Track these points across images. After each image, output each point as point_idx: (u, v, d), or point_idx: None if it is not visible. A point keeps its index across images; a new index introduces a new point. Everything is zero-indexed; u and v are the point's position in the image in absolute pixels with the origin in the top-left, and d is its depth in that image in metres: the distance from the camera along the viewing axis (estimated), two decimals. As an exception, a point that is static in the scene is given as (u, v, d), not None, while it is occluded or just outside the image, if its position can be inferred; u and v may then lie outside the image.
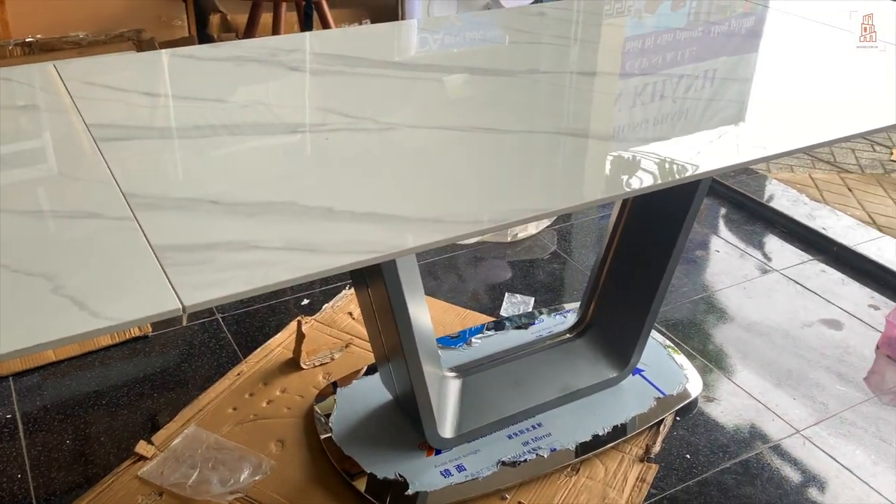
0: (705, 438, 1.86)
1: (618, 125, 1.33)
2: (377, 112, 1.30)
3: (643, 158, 1.20)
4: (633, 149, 1.23)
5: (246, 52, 1.54)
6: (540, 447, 1.78)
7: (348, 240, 0.95)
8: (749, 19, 1.99)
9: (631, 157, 1.20)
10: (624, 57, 1.67)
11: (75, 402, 1.92)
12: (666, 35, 1.85)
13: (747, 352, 2.14)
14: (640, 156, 1.21)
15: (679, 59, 1.68)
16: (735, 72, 1.60)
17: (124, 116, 1.26)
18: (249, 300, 2.30)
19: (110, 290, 0.87)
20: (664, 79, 1.53)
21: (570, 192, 1.10)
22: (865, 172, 3.46)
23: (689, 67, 1.62)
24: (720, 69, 1.62)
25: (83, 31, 2.60)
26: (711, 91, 1.49)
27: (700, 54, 1.73)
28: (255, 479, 1.71)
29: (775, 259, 2.58)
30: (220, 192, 1.05)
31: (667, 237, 1.75)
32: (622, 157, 1.21)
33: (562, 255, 2.58)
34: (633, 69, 1.61)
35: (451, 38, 1.78)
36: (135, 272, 0.89)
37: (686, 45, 1.79)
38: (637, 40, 1.80)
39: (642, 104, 1.41)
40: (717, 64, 1.66)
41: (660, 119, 1.35)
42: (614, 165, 1.21)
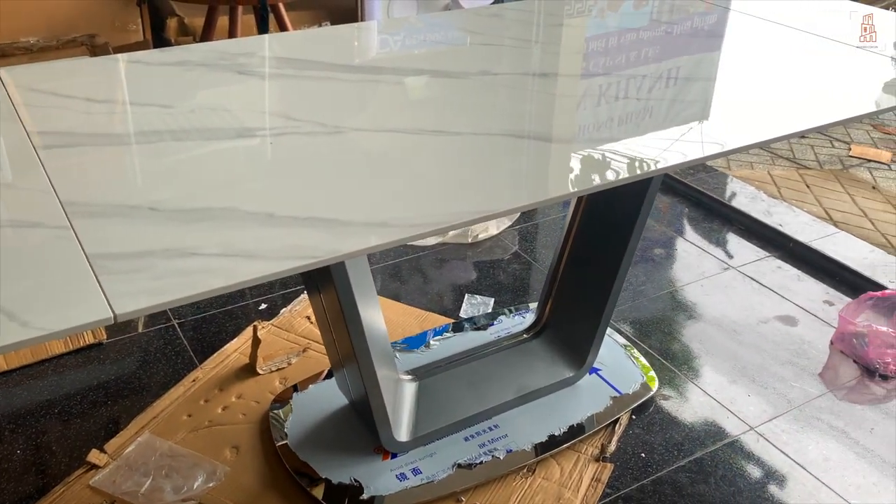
0: (661, 437, 1.87)
1: (569, 126, 1.33)
2: (325, 116, 1.29)
3: (593, 158, 1.20)
4: (584, 149, 1.23)
5: (195, 56, 1.52)
6: (496, 449, 1.78)
7: (287, 245, 0.94)
8: (710, 18, 2.00)
9: (581, 156, 1.21)
10: (584, 57, 1.68)
11: (27, 412, 1.89)
12: (628, 35, 1.86)
13: (704, 349, 2.16)
14: (591, 155, 1.21)
15: (640, 58, 1.69)
16: (696, 71, 1.61)
17: (68, 123, 1.24)
18: (206, 305, 2.28)
19: (42, 300, 0.85)
20: (623, 79, 1.54)
21: (517, 194, 1.10)
22: (824, 168, 3.51)
23: (651, 67, 1.63)
24: (682, 68, 1.63)
25: (35, 36, 2.55)
26: (673, 91, 1.50)
27: (662, 54, 1.74)
28: (209, 486, 1.69)
29: (733, 256, 2.60)
30: (160, 198, 1.03)
31: (620, 237, 1.76)
32: (572, 156, 1.21)
33: (523, 255, 2.59)
34: (594, 69, 1.62)
35: (406, 40, 1.77)
36: (68, 281, 0.88)
37: (647, 44, 1.80)
38: (599, 40, 1.81)
39: (598, 105, 1.41)
40: (679, 62, 1.67)
41: (611, 119, 1.35)
42: (563, 165, 1.21)
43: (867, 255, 2.61)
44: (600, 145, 1.26)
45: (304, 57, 1.54)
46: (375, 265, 2.50)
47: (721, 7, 2.03)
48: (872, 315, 2.19)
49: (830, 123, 1.43)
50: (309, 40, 1.75)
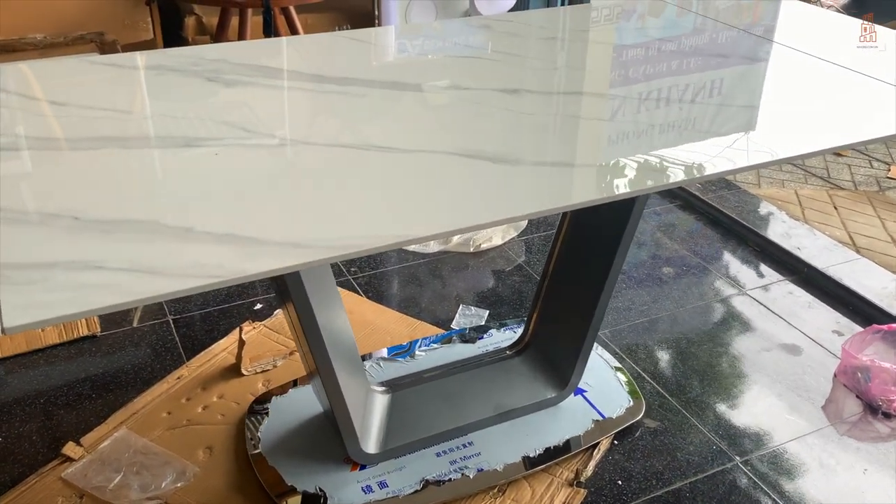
0: (641, 464, 1.82)
1: (515, 142, 1.29)
2: (278, 128, 1.28)
3: (562, 176, 1.17)
4: (539, 167, 1.20)
5: (169, 60, 1.53)
6: (467, 466, 1.75)
7: (195, 262, 0.93)
8: (756, 30, 1.92)
9: (541, 175, 1.17)
10: (612, 67, 1.64)
11: (14, 400, 1.93)
12: (668, 44, 1.80)
13: (700, 375, 2.09)
14: (556, 174, 1.17)
15: (674, 69, 1.64)
16: (735, 87, 1.56)
17: (21, 125, 1.25)
18: (203, 303, 2.30)
19: (-62, 308, 0.86)
20: (658, 90, 1.50)
21: (447, 216, 1.07)
22: (858, 189, 3.38)
23: (686, 78, 1.57)
24: (725, 81, 1.58)
25: (44, 32, 2.61)
26: (681, 107, 1.45)
27: (701, 65, 1.69)
28: (177, 486, 1.70)
29: (743, 279, 2.52)
30: (85, 206, 1.03)
31: (604, 254, 1.71)
32: (527, 177, 1.17)
33: (526, 268, 2.55)
34: (622, 80, 1.57)
35: (390, 49, 1.75)
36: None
37: (686, 55, 1.74)
38: (636, 49, 1.76)
39: (556, 119, 1.37)
40: (721, 75, 1.62)
41: (575, 136, 1.31)
42: (510, 185, 1.18)
43: (887, 285, 2.50)
44: (558, 166, 1.22)
45: (280, 65, 1.53)
46: (373, 271, 2.49)
47: (766, 39, 1.91)
48: (880, 349, 2.10)
49: (865, 141, 1.36)
50: (289, 48, 1.74)
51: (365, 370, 1.85)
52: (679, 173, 1.24)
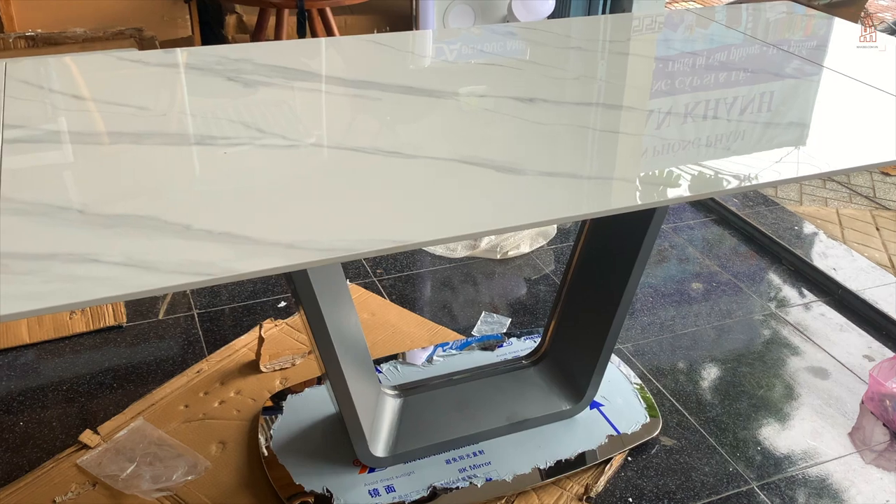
0: (654, 483, 1.79)
1: (523, 152, 1.28)
2: (291, 129, 1.29)
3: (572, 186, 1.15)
4: (543, 177, 1.18)
5: (194, 59, 1.55)
6: (476, 475, 1.74)
7: (187, 260, 0.94)
8: (809, 43, 1.88)
9: (551, 185, 1.16)
10: (653, 78, 1.61)
11: (37, 387, 1.98)
12: (718, 53, 1.77)
13: (721, 394, 2.05)
14: (564, 184, 1.16)
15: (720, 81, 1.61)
16: (789, 99, 1.53)
17: (43, 118, 1.28)
18: (228, 298, 2.33)
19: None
20: (704, 101, 1.47)
21: (447, 221, 1.07)
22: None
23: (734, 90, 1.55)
24: (775, 94, 1.54)
25: (84, 26, 2.67)
26: (710, 123, 1.42)
27: (748, 78, 1.66)
28: (188, 479, 1.72)
29: (775, 298, 2.46)
30: (91, 200, 1.05)
31: (622, 267, 1.69)
32: (533, 185, 1.16)
33: (553, 277, 2.52)
34: (662, 89, 1.55)
35: (414, 55, 1.75)
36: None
37: (734, 66, 1.71)
38: (680, 60, 1.73)
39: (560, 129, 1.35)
40: (772, 87, 1.59)
41: (596, 148, 1.29)
42: (516, 192, 1.16)
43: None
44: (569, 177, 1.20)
45: (302, 67, 1.54)
46: (399, 273, 2.49)
47: (815, 63, 1.85)
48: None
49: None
50: (311, 50, 1.75)
51: (376, 373, 1.85)
52: (697, 186, 1.22)
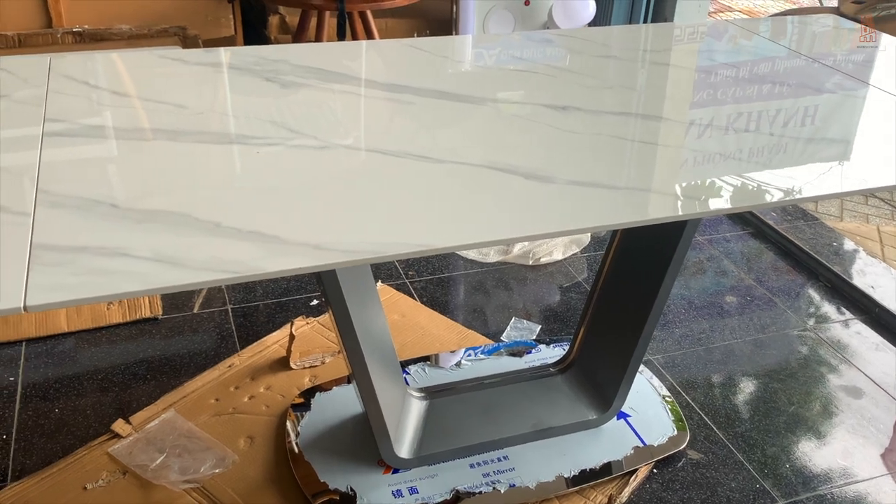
0: (678, 496, 1.77)
1: (541, 163, 1.28)
2: (324, 130, 1.30)
3: (596, 196, 1.15)
4: (573, 187, 1.18)
5: (233, 59, 1.58)
6: (499, 481, 1.74)
7: (215, 257, 0.95)
8: (856, 56, 1.86)
9: (574, 194, 1.16)
10: (694, 89, 1.61)
11: (74, 375, 2.02)
12: (762, 64, 1.75)
13: (752, 409, 2.02)
14: (589, 193, 1.16)
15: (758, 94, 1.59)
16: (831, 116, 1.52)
17: (83, 113, 1.31)
18: (262, 294, 2.36)
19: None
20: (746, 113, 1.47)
21: (474, 227, 1.07)
22: (950, 230, 3.20)
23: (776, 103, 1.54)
24: (820, 108, 1.53)
25: (130, 24, 2.74)
26: (808, 129, 1.41)
27: (790, 91, 1.64)
28: (215, 472, 1.75)
29: (810, 314, 2.42)
30: (125, 196, 1.08)
31: (653, 278, 1.68)
32: (558, 194, 1.16)
33: (585, 285, 2.51)
34: (702, 101, 1.55)
35: (452, 60, 1.76)
36: (2, 267, 0.92)
37: (775, 79, 1.69)
38: (723, 70, 1.72)
39: (588, 137, 1.35)
40: (816, 101, 1.57)
41: (616, 158, 1.29)
42: (544, 201, 1.16)
43: (967, 333, 2.36)
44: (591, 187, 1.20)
45: (337, 69, 1.56)
46: (431, 276, 2.51)
47: (859, 79, 1.83)
48: (950, 400, 1.98)
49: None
50: (351, 52, 1.77)
51: (402, 374, 1.86)
52: (734, 199, 1.21)
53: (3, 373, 2.01)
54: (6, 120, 1.28)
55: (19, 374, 2.01)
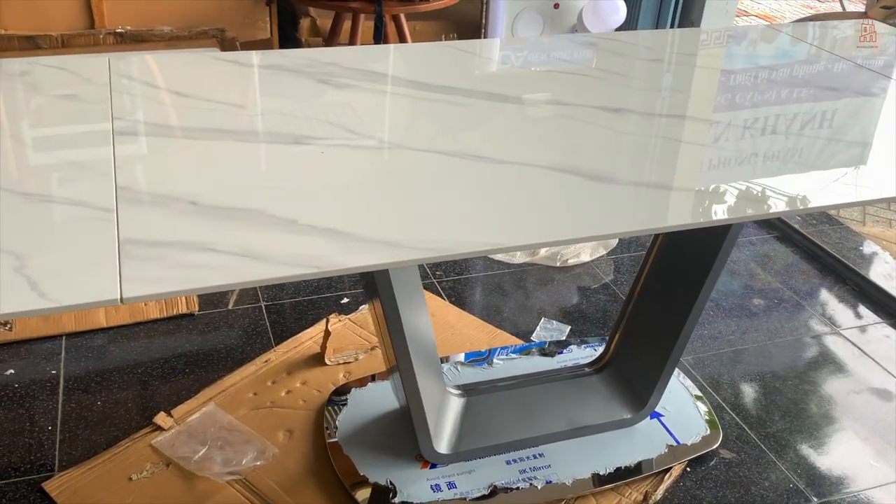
0: (712, 494, 1.79)
1: (613, 161, 1.31)
2: (384, 131, 1.34)
3: (652, 196, 1.18)
4: (636, 188, 1.21)
5: (286, 61, 1.61)
6: (536, 477, 1.77)
7: (297, 253, 0.99)
8: (875, 62, 1.89)
9: (634, 194, 1.19)
10: (718, 91, 1.64)
11: (114, 368, 2.06)
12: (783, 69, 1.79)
13: (782, 411, 2.05)
14: (649, 194, 1.19)
15: (781, 97, 1.62)
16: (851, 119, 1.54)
17: (148, 113, 1.35)
18: (294, 291, 2.39)
19: (66, 275, 0.94)
20: (768, 116, 1.50)
21: (539, 227, 1.10)
22: (972, 236, 3.22)
23: (793, 107, 1.57)
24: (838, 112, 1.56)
25: (171, 25, 2.78)
26: (782, 139, 1.44)
27: (811, 95, 1.67)
28: (257, 465, 1.78)
29: (838, 318, 2.45)
30: (202, 193, 1.11)
31: (693, 281, 1.70)
32: (620, 195, 1.19)
33: (613, 287, 2.54)
34: (726, 104, 1.58)
35: (498, 62, 1.79)
36: (94, 261, 0.96)
37: (797, 83, 1.72)
38: (744, 74, 1.76)
39: (652, 140, 1.38)
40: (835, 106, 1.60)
41: (675, 160, 1.32)
42: (600, 203, 1.20)
43: None
44: (649, 187, 1.23)
45: (386, 71, 1.59)
46: (458, 276, 2.53)
47: (882, 75, 1.86)
48: (980, 404, 2.00)
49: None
50: (399, 55, 1.80)
51: (442, 372, 1.89)
52: (779, 204, 1.23)
53: (46, 366, 2.04)
54: (77, 118, 1.31)
55: (61, 367, 2.05)
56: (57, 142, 1.27)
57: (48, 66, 1.52)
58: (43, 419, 1.88)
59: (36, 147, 1.24)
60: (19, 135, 1.26)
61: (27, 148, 1.23)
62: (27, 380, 2.00)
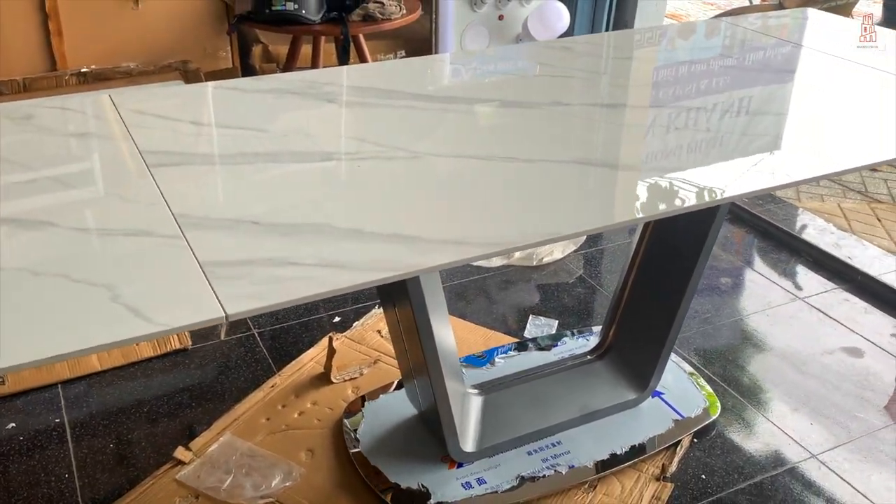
0: (721, 460, 1.90)
1: (636, 154, 1.40)
2: (407, 141, 1.39)
3: (663, 184, 1.28)
4: (653, 176, 1.31)
5: (286, 84, 1.65)
6: (559, 464, 1.84)
7: (374, 258, 1.04)
8: (783, 50, 2.05)
9: (650, 183, 1.28)
10: (653, 87, 1.76)
11: (119, 410, 2.03)
12: (698, 65, 1.92)
13: (768, 377, 2.18)
14: (660, 182, 1.29)
15: (707, 88, 1.75)
16: (767, 104, 1.67)
17: (174, 143, 1.37)
18: (284, 317, 2.41)
19: (162, 299, 0.96)
20: (692, 110, 1.61)
21: (585, 217, 1.18)
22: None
23: (717, 97, 1.69)
24: (753, 99, 1.69)
25: (134, 61, 2.77)
26: (742, 121, 1.56)
27: (732, 85, 1.80)
28: (286, 486, 1.79)
29: (800, 287, 2.62)
30: (260, 213, 1.14)
31: (685, 264, 1.81)
32: (638, 183, 1.29)
33: (587, 279, 2.65)
34: (663, 99, 1.69)
35: (478, 70, 1.88)
36: (183, 284, 0.99)
37: (717, 75, 1.86)
38: (669, 69, 1.88)
39: (669, 132, 1.48)
40: (750, 93, 1.73)
41: (680, 147, 1.42)
42: (630, 192, 1.29)
43: (938, 291, 2.59)
44: (667, 173, 1.33)
45: (386, 86, 1.65)
46: (443, 284, 2.59)
47: (793, 43, 2.07)
48: (941, 350, 2.18)
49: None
50: (389, 71, 1.87)
51: (462, 374, 1.94)
52: (763, 180, 1.35)
53: (48, 416, 2.00)
54: (103, 155, 1.32)
55: (63, 415, 2.01)
56: (91, 178, 1.27)
57: (51, 108, 1.52)
58: (58, 468, 1.85)
59: (72, 185, 1.24)
60: (54, 175, 1.26)
61: (66, 187, 1.23)
62: (31, 431, 1.95)
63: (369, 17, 2.77)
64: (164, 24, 2.86)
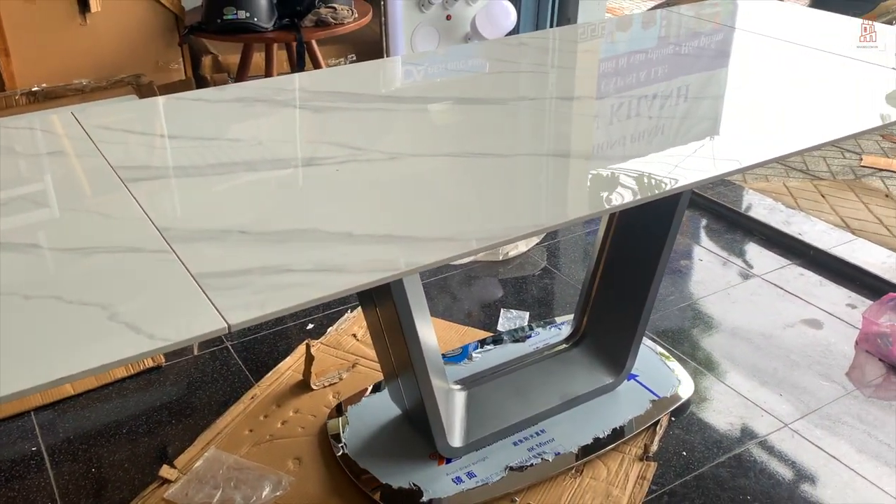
0: (699, 436, 1.96)
1: (598, 145, 1.44)
2: (381, 143, 1.41)
3: (626, 175, 1.32)
4: (617, 166, 1.35)
5: (250, 93, 1.65)
6: (545, 452, 1.87)
7: (370, 260, 1.05)
8: (717, 36, 2.12)
9: (615, 174, 1.32)
10: (600, 79, 1.81)
11: (96, 433, 2.00)
12: (638, 55, 1.98)
13: (734, 354, 2.25)
14: (624, 173, 1.33)
15: (651, 77, 1.81)
16: (706, 89, 1.73)
17: (146, 157, 1.36)
18: (256, 328, 2.39)
19: (160, 314, 0.96)
20: (639, 98, 1.66)
21: (561, 209, 1.22)
22: (837, 179, 3.62)
23: (662, 86, 1.75)
24: (692, 86, 1.75)
25: (85, 78, 2.72)
26: (686, 108, 1.62)
27: (672, 72, 1.86)
28: (277, 495, 1.79)
29: (756, 265, 2.70)
30: (246, 222, 1.15)
31: (652, 249, 1.87)
32: (607, 175, 1.33)
33: (552, 270, 2.70)
34: (609, 90, 1.74)
35: (438, 70, 1.90)
36: (180, 298, 0.98)
37: (657, 63, 1.92)
38: (611, 61, 1.94)
39: (619, 123, 1.53)
40: (689, 80, 1.80)
41: (637, 136, 1.47)
42: (601, 183, 1.33)
43: (885, 260, 2.70)
44: (635, 162, 1.37)
45: (352, 90, 1.66)
46: (414, 285, 2.61)
47: (727, 26, 2.15)
48: (895, 315, 2.28)
49: (842, 137, 1.53)
50: (350, 75, 1.88)
51: (445, 371, 1.96)
52: (716, 167, 1.40)
53: (23, 444, 1.96)
54: (77, 173, 1.31)
55: (39, 442, 1.97)
56: (68, 196, 1.26)
57: (16, 128, 1.49)
58: (40, 496, 1.81)
59: (48, 204, 1.23)
60: (26, 194, 1.24)
61: (42, 207, 1.22)
62: (7, 461, 1.91)
63: (322, 23, 2.77)
64: (114, 39, 2.81)
